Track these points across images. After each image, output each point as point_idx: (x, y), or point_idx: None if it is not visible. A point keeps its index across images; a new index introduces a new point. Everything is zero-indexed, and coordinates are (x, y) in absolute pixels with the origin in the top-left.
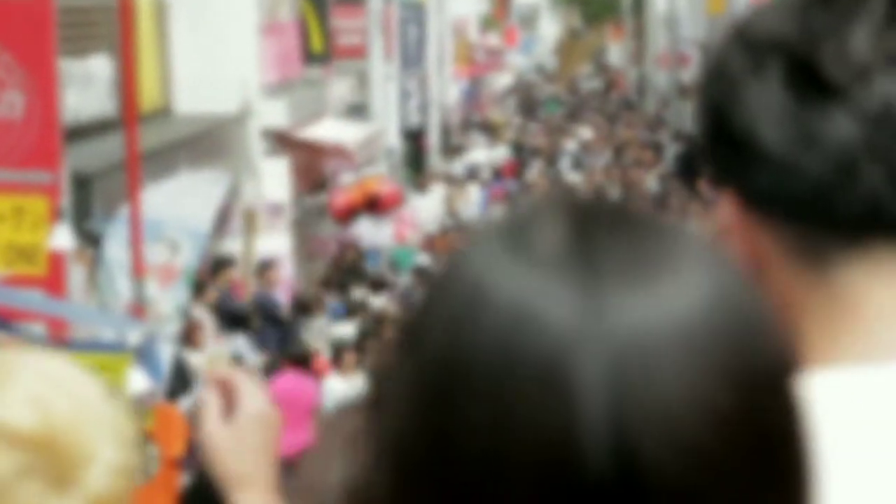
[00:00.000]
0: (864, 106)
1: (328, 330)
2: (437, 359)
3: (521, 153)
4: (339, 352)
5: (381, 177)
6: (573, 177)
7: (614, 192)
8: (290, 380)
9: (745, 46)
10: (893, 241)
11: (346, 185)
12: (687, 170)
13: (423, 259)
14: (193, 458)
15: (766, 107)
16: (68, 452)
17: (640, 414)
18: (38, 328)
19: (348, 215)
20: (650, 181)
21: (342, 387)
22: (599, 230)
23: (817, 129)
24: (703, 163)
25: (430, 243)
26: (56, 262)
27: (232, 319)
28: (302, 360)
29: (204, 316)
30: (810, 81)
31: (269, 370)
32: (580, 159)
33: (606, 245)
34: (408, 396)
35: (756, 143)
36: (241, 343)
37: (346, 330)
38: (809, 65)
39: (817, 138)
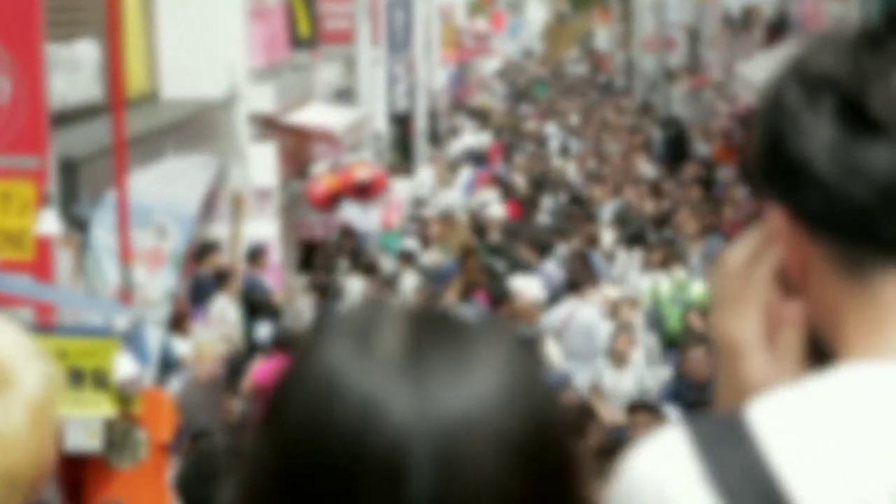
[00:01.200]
0: None
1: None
2: (294, 439)
3: (509, 137)
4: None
5: (364, 162)
6: (560, 161)
7: (606, 177)
8: (272, 366)
9: (800, 81)
10: None
11: (323, 173)
12: (674, 154)
13: (411, 244)
14: (182, 442)
15: (819, 137)
16: (4, 366)
17: (455, 495)
18: (25, 313)
19: (328, 202)
20: (643, 167)
21: None
22: (428, 335)
23: (863, 160)
24: (687, 149)
25: (419, 228)
26: (43, 248)
27: (254, 307)
28: (285, 345)
29: (228, 307)
30: (859, 117)
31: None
32: (567, 143)
33: (433, 348)
34: (265, 465)
35: (808, 169)
36: (263, 331)
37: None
38: (859, 102)
39: (863, 169)
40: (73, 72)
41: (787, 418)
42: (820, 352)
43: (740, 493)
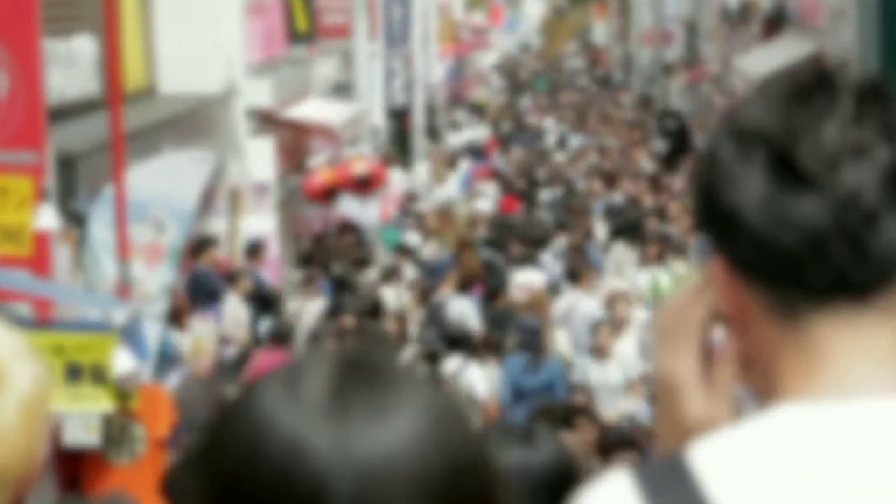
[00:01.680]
0: (834, 193)
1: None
2: (227, 474)
3: (507, 129)
4: (316, 335)
5: (362, 156)
6: (559, 156)
7: (606, 171)
8: (270, 358)
9: (733, 136)
10: (856, 301)
11: (320, 167)
12: (676, 148)
13: (412, 238)
14: (179, 437)
15: (750, 190)
16: None
17: None
18: (23, 308)
19: (324, 196)
20: (643, 161)
21: None
22: (351, 380)
23: (792, 211)
24: (689, 142)
25: (413, 222)
26: (41, 243)
27: (262, 302)
28: (282, 338)
29: (238, 306)
30: (788, 170)
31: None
32: (565, 137)
33: (355, 393)
34: (202, 499)
35: (741, 220)
36: (265, 326)
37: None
38: (788, 155)
39: (792, 219)
40: (70, 67)
41: (727, 460)
42: None
43: None
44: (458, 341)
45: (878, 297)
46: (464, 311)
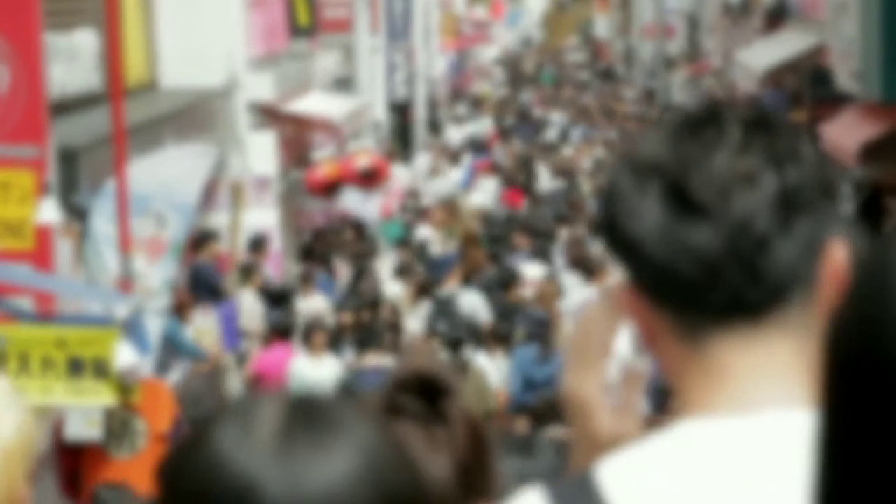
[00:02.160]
0: (726, 220)
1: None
2: None
3: (508, 122)
4: (309, 330)
5: (366, 150)
6: (566, 150)
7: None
8: (274, 353)
9: (631, 168)
10: (753, 321)
11: (324, 160)
12: None
13: (424, 233)
14: (180, 432)
15: (648, 220)
16: None
17: None
18: (25, 302)
19: (326, 189)
20: None
21: (309, 369)
22: (298, 421)
23: (688, 239)
24: None
25: (420, 215)
26: (43, 237)
27: (272, 298)
28: (285, 333)
29: (253, 300)
30: (682, 199)
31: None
32: (568, 131)
33: (302, 433)
34: None
35: (641, 249)
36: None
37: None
38: (681, 186)
39: (688, 247)
40: (72, 61)
41: (632, 475)
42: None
43: None
44: (470, 334)
45: (773, 316)
46: (474, 304)
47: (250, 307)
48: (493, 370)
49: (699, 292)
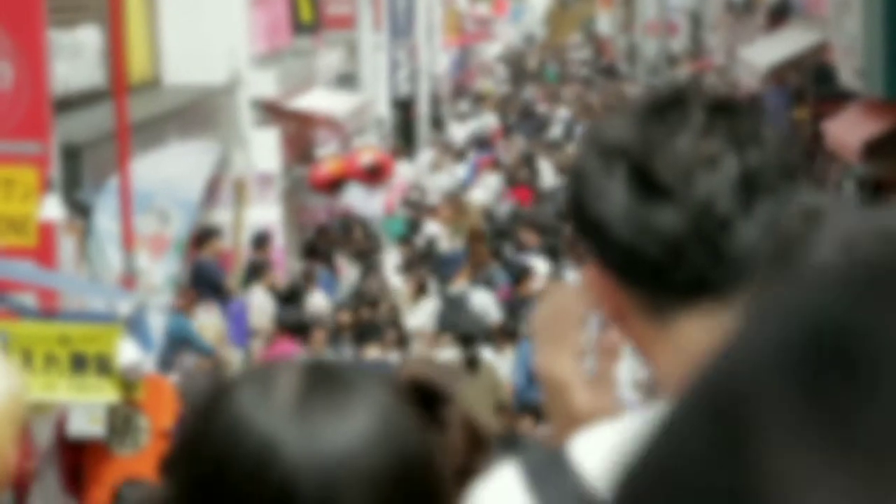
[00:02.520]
0: (689, 201)
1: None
2: (204, 472)
3: (510, 118)
4: (309, 327)
5: (370, 147)
6: (570, 147)
7: None
8: (277, 351)
9: (597, 151)
10: (716, 300)
11: (329, 157)
12: None
13: (431, 229)
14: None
15: (613, 202)
16: None
17: None
18: (28, 299)
19: (330, 186)
20: None
21: None
22: (316, 385)
23: (653, 220)
24: None
25: (421, 212)
26: (46, 233)
27: (282, 296)
28: (297, 329)
29: (264, 298)
30: (647, 181)
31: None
32: (572, 127)
33: (319, 397)
34: (180, 492)
35: (606, 230)
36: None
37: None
38: (646, 168)
39: (652, 227)
40: (75, 57)
41: (604, 451)
42: None
43: None
44: (481, 331)
45: (736, 295)
46: (484, 303)
47: (261, 305)
48: (503, 366)
49: (664, 272)
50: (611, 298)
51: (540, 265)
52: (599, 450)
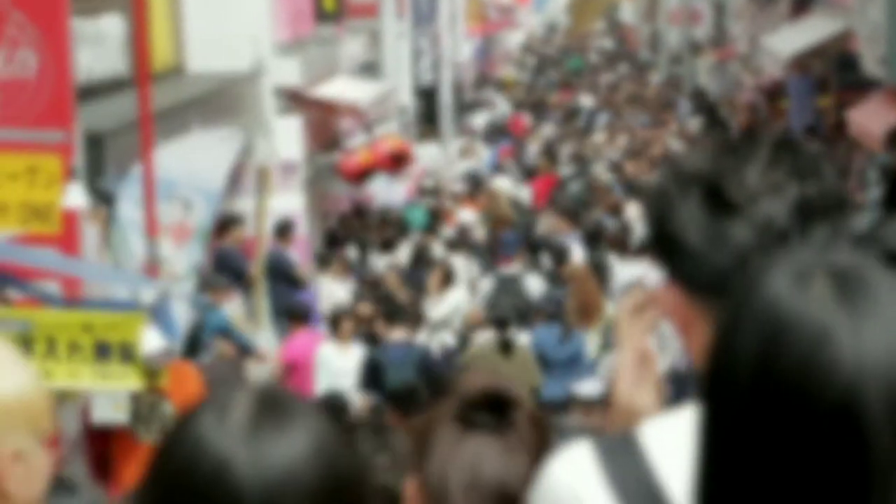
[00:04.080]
0: (754, 219)
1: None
2: (168, 487)
3: (534, 109)
4: (336, 318)
5: (393, 136)
6: (597, 136)
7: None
8: (301, 339)
9: (675, 178)
10: None
11: (357, 147)
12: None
13: (466, 216)
14: None
15: (689, 219)
16: None
17: None
18: (52, 287)
19: (360, 177)
20: (671, 141)
21: (336, 357)
22: (266, 411)
23: (723, 234)
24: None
25: (462, 201)
26: (70, 221)
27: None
28: (302, 318)
29: (334, 287)
30: (719, 202)
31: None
32: (592, 118)
33: (268, 419)
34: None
35: (682, 243)
36: None
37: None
38: (718, 191)
39: (723, 241)
40: (98, 45)
41: (670, 437)
42: None
43: (635, 496)
44: (527, 314)
45: None
46: (535, 286)
47: (330, 293)
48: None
49: (730, 279)
50: (679, 307)
51: (577, 250)
52: (666, 435)
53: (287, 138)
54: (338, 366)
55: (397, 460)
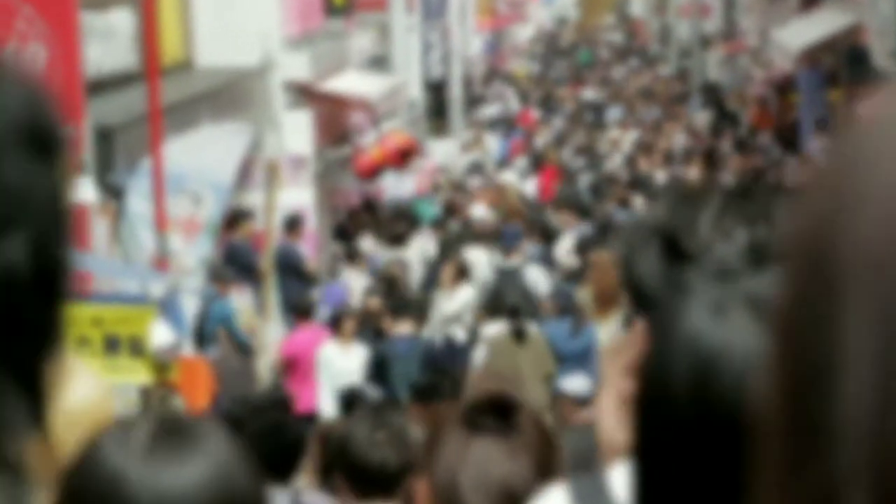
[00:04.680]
0: (708, 266)
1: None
2: (66, 498)
3: (544, 103)
4: (338, 317)
5: (400, 131)
6: (613, 132)
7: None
8: (302, 335)
9: (641, 230)
10: None
11: (369, 144)
12: (721, 117)
13: (479, 211)
14: (218, 409)
15: (649, 267)
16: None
17: None
18: None
19: (373, 173)
20: (678, 137)
21: (338, 356)
22: (166, 433)
23: (679, 281)
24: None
25: (474, 196)
26: (79, 216)
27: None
28: (305, 312)
29: (358, 279)
30: (675, 252)
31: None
32: (603, 110)
33: (168, 443)
34: None
35: (644, 289)
36: None
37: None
38: (674, 241)
39: (679, 287)
40: (108, 40)
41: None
42: None
43: None
44: (531, 305)
45: None
46: (536, 278)
47: (359, 287)
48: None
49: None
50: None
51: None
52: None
53: (296, 132)
54: (340, 366)
55: (393, 437)
